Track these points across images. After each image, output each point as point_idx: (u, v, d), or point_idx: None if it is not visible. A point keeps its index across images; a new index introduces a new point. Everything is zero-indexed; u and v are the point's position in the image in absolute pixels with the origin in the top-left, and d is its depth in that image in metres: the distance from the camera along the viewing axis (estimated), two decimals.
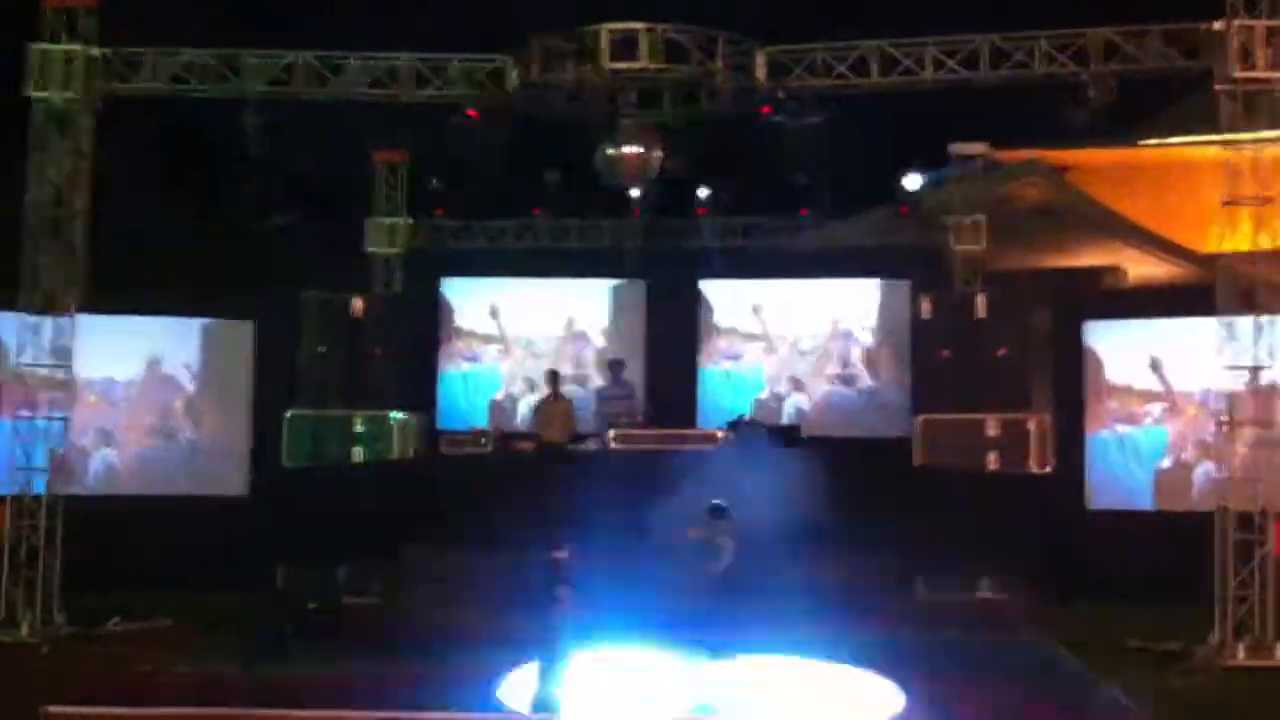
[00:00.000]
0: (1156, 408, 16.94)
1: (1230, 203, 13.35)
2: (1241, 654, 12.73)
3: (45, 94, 13.87)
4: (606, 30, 13.86)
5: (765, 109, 14.51)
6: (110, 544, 14.40)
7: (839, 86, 14.32)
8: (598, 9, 14.00)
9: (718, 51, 14.12)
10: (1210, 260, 18.42)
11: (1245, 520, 13.04)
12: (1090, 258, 20.05)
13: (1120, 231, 20.06)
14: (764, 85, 14.34)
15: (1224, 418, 13.47)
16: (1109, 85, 13.66)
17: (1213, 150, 18.81)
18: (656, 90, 15.00)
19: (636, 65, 13.94)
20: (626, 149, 14.64)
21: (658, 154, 14.88)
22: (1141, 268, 20.20)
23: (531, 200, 18.63)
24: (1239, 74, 13.05)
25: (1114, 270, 20.67)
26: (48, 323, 13.85)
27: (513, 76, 14.47)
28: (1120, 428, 17.08)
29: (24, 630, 13.19)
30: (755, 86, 14.37)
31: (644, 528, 12.59)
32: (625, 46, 13.85)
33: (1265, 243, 13.30)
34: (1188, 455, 16.60)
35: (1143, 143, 21.42)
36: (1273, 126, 13.22)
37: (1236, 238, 13.44)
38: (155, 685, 11.08)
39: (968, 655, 12.39)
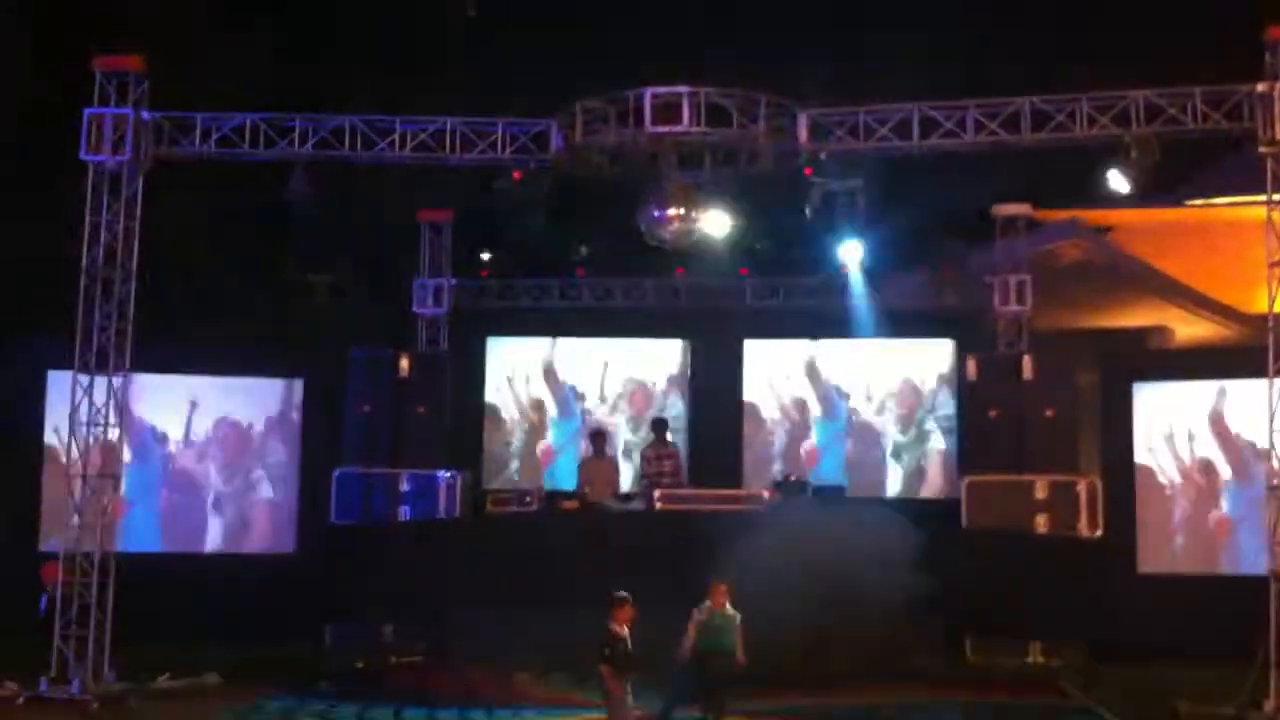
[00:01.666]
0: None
1: (1276, 264, 13.21)
2: None
3: (99, 156, 14.13)
4: (650, 94, 14.00)
5: (807, 170, 14.59)
6: (158, 600, 14.48)
7: (880, 148, 14.38)
8: (639, 71, 14.12)
9: (760, 114, 14.23)
10: (1258, 320, 18.43)
11: None
12: (1135, 318, 20.00)
13: (1165, 290, 20.03)
14: (806, 147, 14.43)
15: (1275, 481, 13.27)
16: (1151, 146, 13.64)
17: (1258, 210, 18.92)
18: (697, 151, 15.10)
19: (679, 128, 14.07)
20: (670, 210, 14.71)
21: (699, 215, 14.95)
22: (1188, 328, 20.14)
23: (575, 259, 18.69)
24: None
25: (1161, 330, 20.61)
26: (101, 381, 14.03)
27: (556, 139, 14.64)
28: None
29: (75, 687, 13.27)
30: (797, 149, 14.47)
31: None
32: (668, 109, 13.99)
33: None
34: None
35: (1188, 203, 21.50)
36: None
37: None
38: None
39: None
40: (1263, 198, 13.42)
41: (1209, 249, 20.36)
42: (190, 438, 17.58)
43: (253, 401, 17.82)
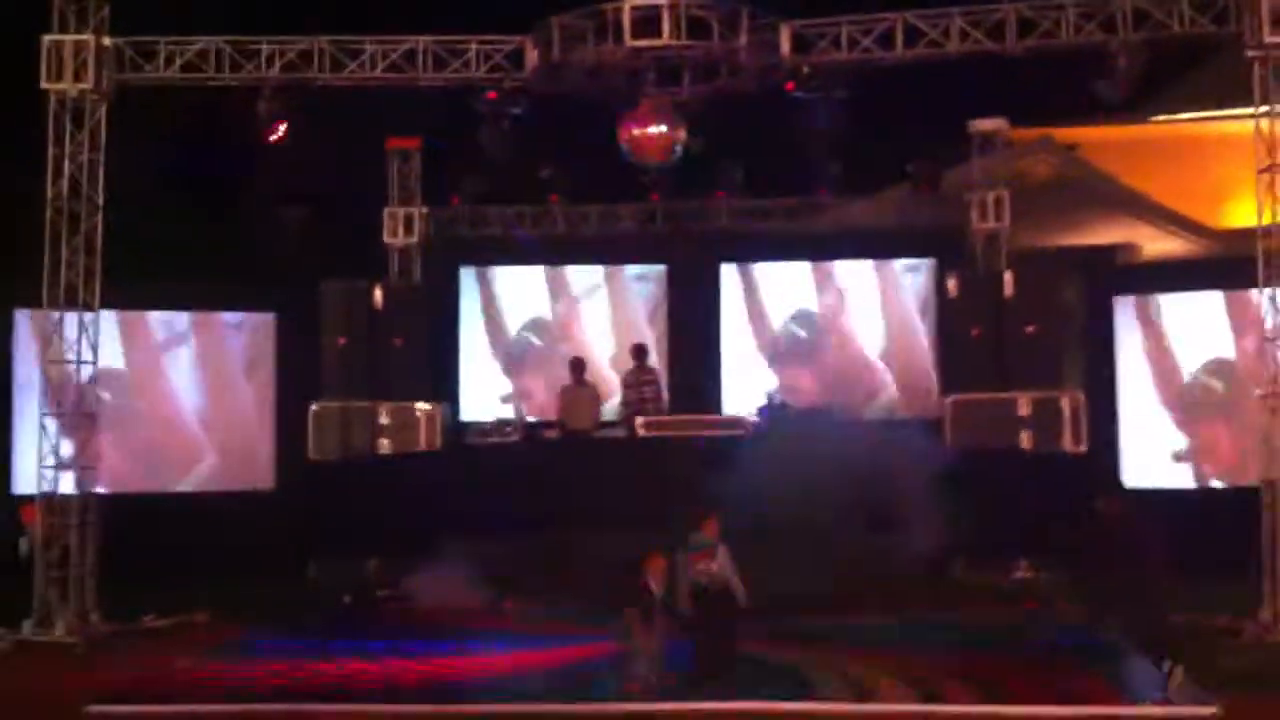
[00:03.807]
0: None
1: (1265, 170, 13.06)
2: None
3: (59, 85, 13.68)
4: (629, 6, 13.68)
5: (788, 85, 14.32)
6: (139, 540, 14.19)
7: (864, 60, 14.13)
8: None
9: (741, 26, 13.94)
10: (1226, 235, 18.45)
11: None
12: (1105, 234, 19.96)
13: (1134, 207, 20.02)
14: (788, 61, 14.16)
15: (1265, 390, 13.18)
16: (1138, 53, 13.44)
17: (1221, 125, 18.89)
18: (675, 68, 14.79)
19: (659, 42, 13.77)
20: (650, 129, 14.42)
21: (681, 133, 14.68)
22: (1156, 244, 20.13)
23: (549, 185, 18.34)
24: (1270, 39, 12.77)
25: (1129, 247, 20.57)
26: (72, 318, 13.66)
27: (532, 57, 14.30)
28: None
29: (59, 629, 13.03)
30: (779, 62, 14.18)
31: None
32: (647, 23, 13.67)
33: None
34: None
35: (1153, 119, 21.44)
36: None
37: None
38: (195, 681, 10.89)
39: (1008, 633, 12.23)
40: (1226, 113, 13.24)
41: (1174, 165, 20.34)
42: (164, 374, 17.22)
43: (225, 337, 17.48)
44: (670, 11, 13.67)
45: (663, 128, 14.51)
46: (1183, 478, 16.71)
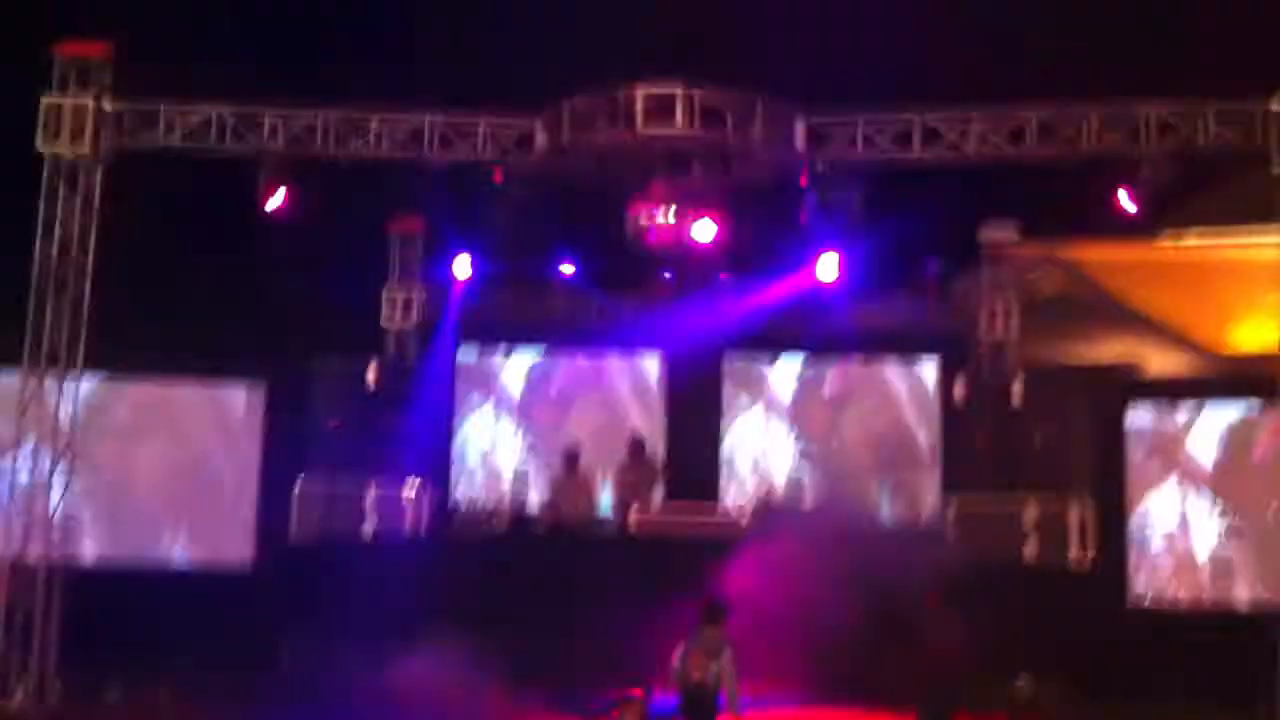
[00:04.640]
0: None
1: None
2: None
3: (56, 148, 13.41)
4: (642, 93, 13.42)
5: (802, 180, 14.05)
6: (107, 611, 13.74)
7: (879, 159, 13.86)
8: (628, 68, 13.54)
9: (755, 118, 13.68)
10: (1228, 361, 18.23)
11: None
12: (1110, 351, 19.76)
13: (1139, 326, 19.84)
14: (802, 155, 13.89)
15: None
16: (1163, 164, 13.17)
17: (1226, 251, 18.78)
18: (685, 157, 14.52)
19: (671, 130, 13.51)
20: (659, 217, 14.12)
21: (689, 222, 14.37)
22: (1160, 365, 19.90)
23: (554, 269, 18.07)
24: None
25: (1133, 366, 20.34)
26: (53, 381, 13.29)
27: (541, 139, 14.04)
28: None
29: (18, 698, 12.56)
30: (793, 156, 13.92)
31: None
32: (660, 110, 13.41)
33: None
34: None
35: (1160, 241, 21.33)
36: None
37: None
38: None
39: None
40: (1234, 240, 13.03)
41: (1180, 287, 20.21)
42: (145, 442, 16.79)
43: (212, 406, 17.07)
44: (684, 100, 13.43)
45: (671, 216, 14.19)
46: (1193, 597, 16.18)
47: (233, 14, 16.25)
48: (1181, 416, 16.72)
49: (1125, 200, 13.51)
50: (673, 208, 14.19)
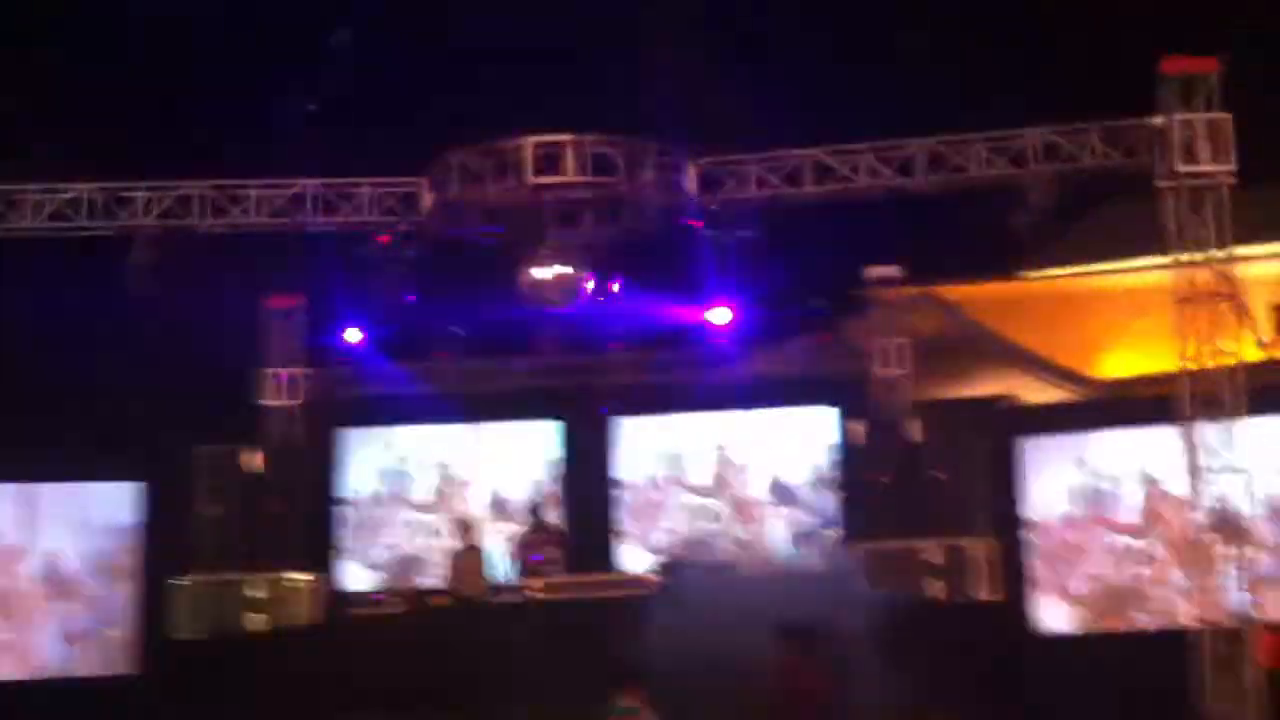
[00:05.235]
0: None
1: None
2: None
3: None
4: (530, 143, 13.16)
5: (695, 224, 13.89)
6: None
7: (772, 198, 13.78)
8: (514, 121, 13.32)
9: (647, 164, 13.50)
10: (1101, 384, 18.55)
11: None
12: (989, 386, 20.01)
13: (1013, 358, 20.18)
14: (694, 199, 13.74)
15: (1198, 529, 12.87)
16: (1049, 187, 13.30)
17: (1092, 280, 19.25)
18: (575, 210, 14.28)
19: (562, 179, 13.27)
20: (552, 271, 13.82)
21: (583, 275, 14.09)
22: (1034, 395, 20.20)
23: (441, 338, 17.64)
24: (1182, 169, 12.74)
25: (1010, 398, 20.61)
26: None
27: (428, 198, 13.66)
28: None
29: None
30: (685, 201, 13.76)
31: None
32: (549, 160, 13.16)
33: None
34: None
35: (1022, 275, 21.82)
36: (1218, 221, 12.94)
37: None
38: None
39: None
40: (1099, 268, 13.24)
41: (1048, 320, 20.66)
42: (17, 548, 15.86)
43: (87, 508, 16.20)
44: (574, 148, 13.20)
45: (565, 269, 13.90)
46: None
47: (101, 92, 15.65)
48: (1070, 444, 16.90)
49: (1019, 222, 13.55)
50: (565, 261, 13.88)
